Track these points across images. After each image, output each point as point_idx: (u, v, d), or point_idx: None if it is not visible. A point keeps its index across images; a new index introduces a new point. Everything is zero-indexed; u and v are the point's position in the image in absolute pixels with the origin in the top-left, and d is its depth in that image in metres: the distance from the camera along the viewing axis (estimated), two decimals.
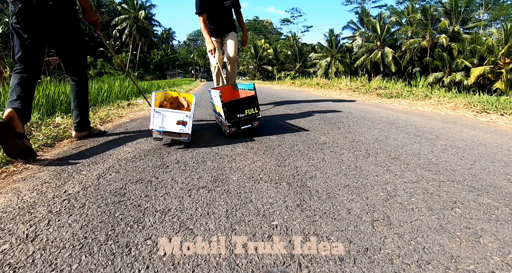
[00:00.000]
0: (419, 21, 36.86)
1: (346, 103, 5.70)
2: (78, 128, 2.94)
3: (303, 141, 2.57)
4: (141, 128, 3.48)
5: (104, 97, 7.66)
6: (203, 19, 4.17)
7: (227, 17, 4.45)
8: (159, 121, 2.41)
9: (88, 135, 3.07)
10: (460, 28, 35.36)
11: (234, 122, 2.66)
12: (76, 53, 2.75)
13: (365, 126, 3.20)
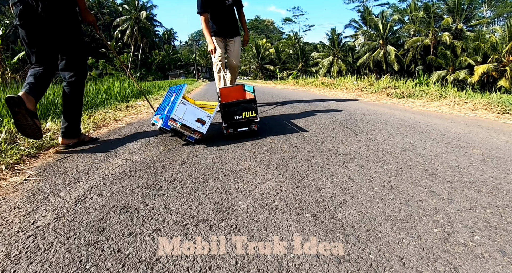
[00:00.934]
0: (422, 19, 36.57)
1: (356, 104, 5.36)
2: (65, 135, 2.65)
3: (319, 151, 2.22)
4: (136, 134, 3.16)
5: (103, 99, 7.37)
6: (204, 18, 4.16)
7: (229, 16, 4.41)
8: (181, 113, 2.38)
9: (78, 143, 2.76)
10: (463, 25, 35.06)
11: (231, 123, 2.64)
12: (74, 49, 2.63)
13: (385, 132, 2.86)
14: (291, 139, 2.61)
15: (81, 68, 2.69)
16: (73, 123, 2.66)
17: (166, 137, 2.90)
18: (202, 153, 2.27)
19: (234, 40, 4.48)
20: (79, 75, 2.67)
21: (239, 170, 1.85)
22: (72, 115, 2.65)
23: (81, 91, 2.74)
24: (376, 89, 7.30)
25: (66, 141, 2.65)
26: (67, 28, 2.51)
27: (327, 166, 1.88)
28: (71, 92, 2.64)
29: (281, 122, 3.45)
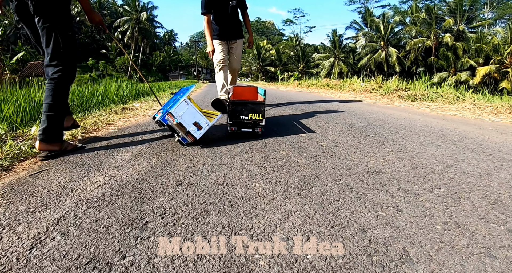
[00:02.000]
0: (423, 21, 36.47)
1: (368, 106, 4.96)
2: (44, 139, 2.25)
3: (347, 167, 1.81)
4: (128, 141, 2.75)
5: (99, 101, 6.98)
6: (207, 19, 4.15)
7: (233, 18, 4.36)
8: (181, 110, 2.34)
9: (60, 153, 2.36)
10: (465, 27, 34.97)
11: (235, 122, 2.62)
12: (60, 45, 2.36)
13: (414, 141, 2.47)
14: (308, 150, 2.21)
15: (67, 65, 2.39)
16: (53, 126, 2.28)
17: (160, 145, 2.50)
18: (202, 169, 1.86)
19: (237, 43, 4.44)
20: (66, 64, 2.37)
21: (251, 197, 1.43)
22: (55, 114, 2.30)
23: (65, 89, 2.41)
24: (386, 91, 6.92)
25: (44, 146, 2.26)
26: (54, 24, 2.29)
27: (363, 190, 1.47)
28: (57, 85, 2.33)
29: (291, 127, 3.05)
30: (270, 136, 2.67)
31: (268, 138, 2.62)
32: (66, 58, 2.37)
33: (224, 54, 4.33)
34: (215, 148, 2.36)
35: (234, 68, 4.50)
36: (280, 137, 2.65)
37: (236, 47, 4.45)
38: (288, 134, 2.75)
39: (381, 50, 39.68)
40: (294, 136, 2.67)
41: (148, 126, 3.58)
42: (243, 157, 2.07)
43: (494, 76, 29.01)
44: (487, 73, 28.81)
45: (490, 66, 28.79)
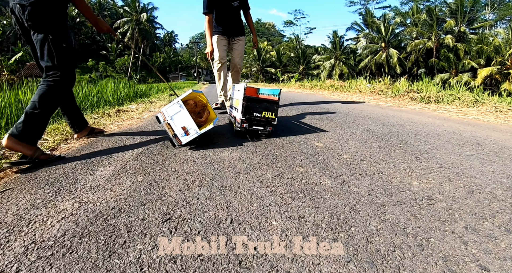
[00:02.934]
0: (424, 22, 36.23)
1: (381, 109, 4.56)
2: (14, 133, 2.02)
3: (389, 194, 1.40)
4: (114, 151, 2.35)
5: (94, 103, 6.61)
6: (208, 19, 4.13)
7: (235, 18, 4.35)
8: (173, 112, 2.31)
9: (33, 163, 2.05)
10: (466, 28, 34.70)
11: (248, 118, 2.54)
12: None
13: (450, 152, 2.07)
14: (330, 165, 1.80)
15: (63, 74, 2.33)
16: (29, 124, 2.11)
17: (150, 157, 2.10)
18: (198, 193, 1.45)
19: (239, 39, 4.41)
20: (61, 78, 2.31)
21: (267, 247, 1.01)
22: (34, 113, 2.14)
23: (57, 94, 2.31)
24: (396, 93, 6.52)
25: (11, 143, 2.00)
26: (47, 37, 2.23)
27: (421, 232, 1.05)
28: (45, 91, 2.24)
29: (304, 134, 2.65)
30: (281, 145, 2.28)
31: (279, 147, 2.22)
32: (62, 69, 2.31)
33: (224, 52, 4.30)
34: (215, 161, 1.95)
35: (235, 63, 4.42)
36: (292, 146, 2.25)
37: (238, 43, 4.41)
38: (301, 143, 2.35)
39: (382, 52, 39.44)
40: (309, 146, 2.27)
41: (140, 132, 3.22)
42: (250, 175, 1.66)
43: (495, 78, 28.73)
44: (489, 75, 28.54)
45: (491, 67, 28.52)
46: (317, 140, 2.44)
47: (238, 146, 2.31)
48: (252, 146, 2.30)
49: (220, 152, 2.17)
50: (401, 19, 41.00)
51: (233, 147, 2.28)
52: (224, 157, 2.02)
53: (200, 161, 1.96)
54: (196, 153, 2.14)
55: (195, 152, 2.18)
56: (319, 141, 2.40)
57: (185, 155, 2.10)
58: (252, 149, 2.20)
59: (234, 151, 2.17)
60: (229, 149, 2.24)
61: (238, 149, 2.21)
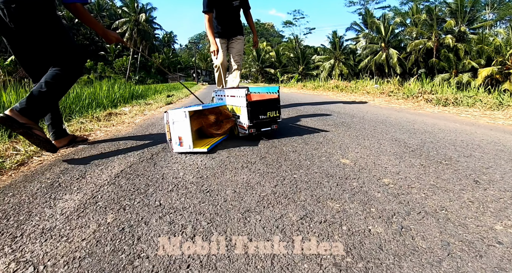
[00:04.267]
0: (424, 22, 36.08)
1: (398, 113, 4.09)
2: (18, 107, 2.06)
3: (477, 254, 0.91)
4: (90, 168, 1.90)
5: (85, 105, 6.17)
6: (208, 18, 4.07)
7: (235, 17, 4.32)
8: (177, 118, 2.15)
9: None
10: (466, 28, 34.51)
11: (256, 123, 2.48)
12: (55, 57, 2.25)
13: (509, 171, 1.63)
14: (373, 197, 1.32)
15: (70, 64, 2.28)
16: (33, 102, 2.10)
17: (131, 180, 1.62)
18: (190, 254, 0.99)
19: (237, 38, 4.35)
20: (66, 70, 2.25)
21: None
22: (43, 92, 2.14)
23: (67, 79, 2.27)
24: (408, 94, 6.06)
25: (12, 114, 2.00)
26: (42, 38, 2.16)
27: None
28: (54, 75, 2.21)
29: (323, 147, 2.16)
30: (298, 163, 1.81)
31: (296, 166, 1.76)
32: (67, 59, 2.25)
33: (223, 56, 4.26)
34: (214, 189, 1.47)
35: (234, 62, 4.34)
36: (313, 164, 1.78)
37: (236, 42, 4.34)
38: (322, 159, 1.88)
39: (382, 52, 39.26)
40: (333, 163, 1.79)
41: (128, 139, 2.80)
42: (264, 216, 1.16)
43: (496, 78, 28.54)
44: (489, 75, 28.38)
45: (492, 67, 28.39)
46: (342, 154, 1.97)
47: (243, 164, 1.85)
48: (262, 163, 1.84)
49: (221, 172, 1.70)
50: (401, 19, 40.80)
51: (237, 165, 1.82)
52: (227, 182, 1.54)
53: (194, 188, 1.48)
54: (190, 174, 1.68)
55: (189, 172, 1.72)
56: (344, 156, 1.93)
57: (175, 178, 1.64)
58: (262, 168, 1.74)
59: (239, 171, 1.71)
60: (232, 167, 1.78)
61: (244, 169, 1.74)
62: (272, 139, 2.52)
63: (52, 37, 2.18)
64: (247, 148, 2.25)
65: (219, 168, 1.77)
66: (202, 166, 1.83)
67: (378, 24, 40.05)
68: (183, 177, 1.64)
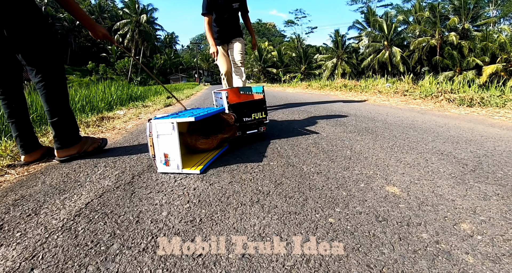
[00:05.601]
0: (427, 19, 35.58)
1: (425, 117, 3.57)
2: (59, 146, 2.17)
3: None
4: (52, 196, 1.43)
5: (77, 109, 5.72)
6: (208, 20, 4.07)
7: (233, 20, 4.28)
8: (162, 131, 1.68)
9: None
10: (470, 25, 34.01)
11: (240, 125, 2.35)
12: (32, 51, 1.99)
13: None
14: (453, 256, 0.83)
15: (49, 70, 2.06)
16: (62, 131, 2.13)
17: (92, 225, 1.14)
18: None
19: (236, 40, 4.29)
20: (47, 78, 2.05)
21: None
22: (58, 120, 2.11)
23: (58, 91, 2.11)
24: (426, 94, 5.55)
25: (61, 153, 2.16)
26: (18, 31, 1.90)
27: None
28: (45, 94, 2.07)
29: (356, 167, 1.65)
30: (333, 198, 1.32)
31: (328, 203, 1.27)
32: (43, 63, 2.03)
33: (227, 63, 4.28)
34: (210, 266, 0.99)
35: (236, 61, 4.24)
36: (349, 195, 1.28)
37: (235, 42, 4.28)
38: (360, 186, 1.38)
39: (385, 50, 38.81)
40: (378, 194, 1.29)
41: (112, 151, 2.40)
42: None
43: (501, 75, 27.91)
44: (494, 72, 28.08)
45: (496, 64, 28.18)
46: (384, 178, 1.47)
47: (252, 195, 1.35)
48: (278, 194, 1.33)
49: (221, 212, 1.19)
50: (403, 17, 40.23)
51: (244, 198, 1.32)
52: (230, 233, 1.05)
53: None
54: (177, 215, 1.17)
55: (176, 210, 1.22)
56: (389, 180, 1.43)
57: (155, 221, 1.14)
58: (281, 204, 1.23)
59: (248, 209, 1.20)
60: (237, 202, 1.26)
61: (254, 205, 1.24)
62: (285, 150, 2.02)
63: (31, 34, 1.95)
64: (255, 165, 1.75)
65: (219, 203, 1.27)
66: (195, 198, 1.33)
67: (381, 22, 39.56)
68: (166, 220, 1.14)
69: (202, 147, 1.95)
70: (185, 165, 1.74)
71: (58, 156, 2.15)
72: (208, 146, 1.96)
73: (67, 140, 2.15)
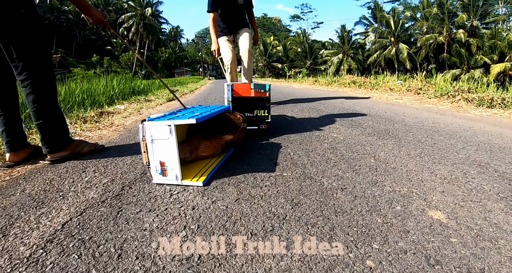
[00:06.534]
0: (435, 16, 35.00)
1: (447, 118, 3.30)
2: (49, 150, 1.96)
3: None
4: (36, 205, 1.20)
5: (77, 102, 5.47)
6: (213, 17, 4.05)
7: (239, 16, 4.29)
8: (157, 135, 1.41)
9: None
10: (478, 23, 33.44)
11: None
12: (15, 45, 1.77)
13: None
14: None
15: (36, 66, 1.84)
16: (49, 134, 1.93)
17: (65, 258, 0.92)
18: None
19: (242, 29, 4.28)
20: (34, 75, 1.83)
21: None
22: (43, 122, 1.90)
23: (45, 88, 1.89)
24: (442, 93, 5.26)
25: (53, 156, 1.97)
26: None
27: None
28: (32, 93, 1.84)
29: (379, 182, 1.41)
30: (362, 226, 1.08)
31: (362, 235, 1.02)
32: (29, 57, 1.81)
33: (231, 53, 4.21)
34: None
35: (245, 48, 4.15)
36: (385, 223, 1.03)
37: (242, 31, 4.26)
38: (397, 214, 1.12)
39: (392, 47, 38.26)
40: (421, 227, 1.05)
41: (105, 152, 2.19)
42: None
43: (509, 74, 27.63)
44: (502, 71, 27.53)
45: (505, 63, 27.58)
46: (422, 197, 1.20)
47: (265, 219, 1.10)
48: (297, 220, 1.09)
49: (227, 245, 0.95)
50: (411, 13, 39.67)
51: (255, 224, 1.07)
52: None
53: None
54: (169, 249, 0.95)
55: (169, 241, 0.99)
56: (429, 203, 1.17)
57: (140, 256, 0.90)
58: (302, 233, 1.00)
59: (260, 241, 0.97)
60: (247, 230, 1.02)
61: (268, 235, 1.00)
62: (299, 157, 1.78)
63: (14, 22, 1.74)
64: (265, 176, 1.50)
65: (223, 232, 1.01)
66: (193, 222, 1.08)
67: (388, 18, 38.98)
68: (156, 256, 0.89)
69: (204, 154, 1.69)
70: (185, 175, 1.49)
71: (49, 157, 1.97)
72: (211, 151, 1.70)
73: (55, 144, 1.97)
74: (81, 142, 2.15)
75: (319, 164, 1.66)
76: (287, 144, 2.15)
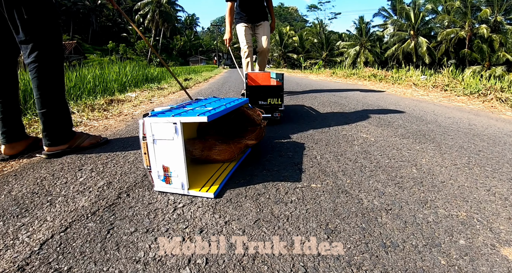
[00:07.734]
0: (458, 10, 33.98)
1: (486, 121, 2.97)
2: (49, 143, 1.81)
3: None
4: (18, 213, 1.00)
5: (88, 89, 5.31)
6: (230, 6, 4.09)
7: (259, 5, 4.27)
8: (160, 134, 1.17)
9: None
10: (502, 18, 32.41)
11: None
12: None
13: None
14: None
15: (46, 48, 1.73)
16: (52, 125, 1.80)
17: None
18: None
19: (262, 24, 4.31)
20: (43, 58, 1.71)
21: None
22: (47, 111, 1.76)
23: (53, 73, 1.76)
24: (472, 91, 4.91)
25: (51, 150, 1.82)
26: None
27: None
28: (38, 77, 1.73)
29: (430, 201, 1.15)
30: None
31: None
32: (40, 37, 1.69)
33: (249, 38, 4.21)
34: None
35: (263, 48, 4.25)
36: (456, 271, 0.82)
37: (262, 28, 4.30)
38: (470, 254, 0.90)
39: (411, 40, 37.45)
40: None
41: (108, 145, 2.04)
42: None
43: None
44: None
45: None
46: (489, 230, 0.92)
47: (292, 260, 0.88)
48: (335, 261, 0.86)
49: None
50: (432, 6, 38.59)
51: (282, 264, 0.85)
52: None
53: None
54: None
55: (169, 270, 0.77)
56: (498, 235, 0.90)
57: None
58: None
59: None
60: (271, 271, 0.81)
61: None
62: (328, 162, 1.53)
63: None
64: (290, 188, 1.25)
65: (241, 271, 0.79)
66: (199, 255, 0.85)
67: (408, 10, 38.13)
68: None
69: (218, 158, 1.44)
70: (192, 182, 1.26)
71: (46, 150, 1.83)
72: (227, 156, 1.44)
73: (57, 136, 1.83)
74: (82, 134, 2.00)
75: (353, 172, 1.41)
76: (312, 145, 1.90)
